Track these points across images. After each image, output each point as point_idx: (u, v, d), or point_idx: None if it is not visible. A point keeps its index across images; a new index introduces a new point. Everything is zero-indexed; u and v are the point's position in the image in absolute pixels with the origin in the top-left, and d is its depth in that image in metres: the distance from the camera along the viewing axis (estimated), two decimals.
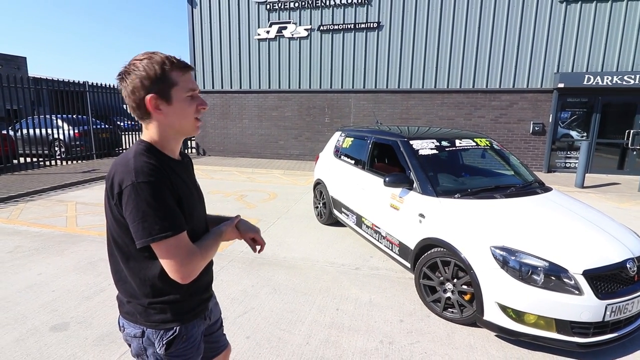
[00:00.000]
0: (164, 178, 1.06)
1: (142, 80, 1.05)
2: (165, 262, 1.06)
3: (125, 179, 1.02)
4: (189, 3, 11.18)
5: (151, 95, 1.07)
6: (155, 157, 1.10)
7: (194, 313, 1.23)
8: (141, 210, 1.00)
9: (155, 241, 1.02)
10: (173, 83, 1.09)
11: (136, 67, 1.06)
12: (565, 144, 9.85)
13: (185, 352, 1.21)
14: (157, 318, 1.15)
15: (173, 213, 1.05)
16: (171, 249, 1.04)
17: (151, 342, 1.17)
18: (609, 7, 8.87)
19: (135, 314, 1.17)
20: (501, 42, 9.52)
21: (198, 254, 1.10)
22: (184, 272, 1.06)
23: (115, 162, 1.09)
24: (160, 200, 1.03)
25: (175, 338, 1.17)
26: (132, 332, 1.19)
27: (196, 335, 1.25)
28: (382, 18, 10.07)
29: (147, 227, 1.01)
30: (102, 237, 4.59)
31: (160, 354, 1.17)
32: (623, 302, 2.43)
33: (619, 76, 8.75)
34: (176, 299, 1.16)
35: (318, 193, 5.37)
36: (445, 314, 2.92)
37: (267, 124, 11.43)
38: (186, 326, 1.20)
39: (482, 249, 2.64)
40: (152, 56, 1.08)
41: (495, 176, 3.90)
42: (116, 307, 3.06)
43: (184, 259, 1.06)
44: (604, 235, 2.72)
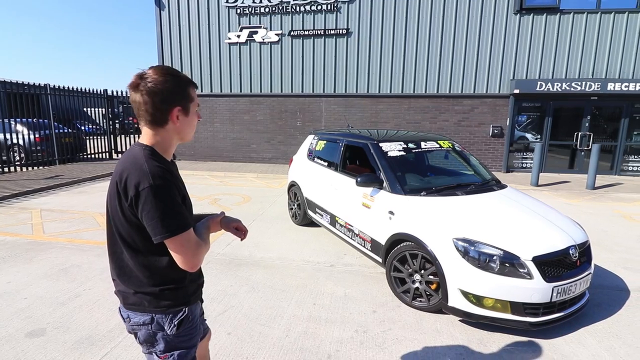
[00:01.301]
0: (173, 180, 1.20)
1: (173, 93, 1.21)
2: (178, 255, 1.20)
3: (142, 181, 1.13)
4: (156, 5, 11.00)
5: (177, 108, 1.23)
6: (160, 160, 1.22)
7: (195, 296, 1.40)
8: (159, 209, 1.13)
9: (174, 236, 1.15)
10: (192, 99, 1.27)
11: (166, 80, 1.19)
12: (522, 146, 10.57)
13: (190, 331, 1.36)
14: (166, 303, 1.28)
15: (184, 211, 1.21)
16: (184, 243, 1.18)
17: (161, 327, 1.29)
18: (557, 19, 9.67)
19: (143, 302, 1.28)
20: (462, 50, 10.10)
21: (203, 245, 1.26)
22: (194, 262, 1.22)
23: (125, 167, 1.18)
24: (174, 200, 1.17)
25: (184, 319, 1.32)
26: (140, 320, 1.29)
27: (197, 315, 1.42)
28: (351, 25, 10.40)
29: (166, 225, 1.14)
30: (72, 244, 4.50)
31: (171, 334, 1.30)
32: (567, 284, 2.76)
33: (567, 83, 9.53)
34: (182, 285, 1.31)
35: (292, 195, 5.51)
36: (414, 303, 3.15)
37: (239, 128, 11.43)
38: (190, 308, 1.35)
39: (446, 241, 2.90)
40: (178, 74, 1.24)
41: (457, 175, 4.21)
42: (94, 311, 3.07)
43: (194, 251, 1.21)
44: (550, 225, 3.06)
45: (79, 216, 5.71)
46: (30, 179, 8.16)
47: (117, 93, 12.33)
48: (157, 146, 1.25)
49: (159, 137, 1.25)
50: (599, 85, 9.38)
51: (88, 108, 11.73)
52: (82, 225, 5.24)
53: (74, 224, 5.29)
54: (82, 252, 4.25)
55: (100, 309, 3.05)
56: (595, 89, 9.40)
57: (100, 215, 5.75)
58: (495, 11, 9.83)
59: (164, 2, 11.00)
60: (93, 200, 6.78)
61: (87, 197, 7.05)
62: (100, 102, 12.14)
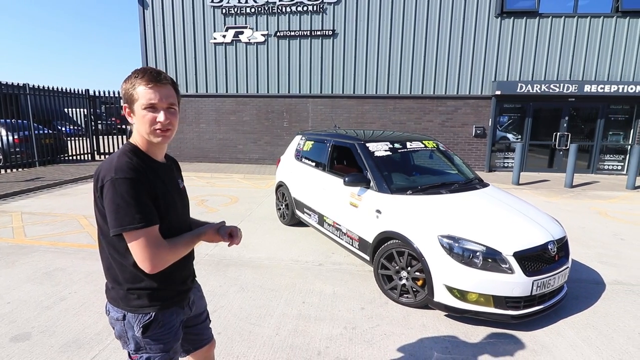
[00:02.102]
0: (141, 176, 1.19)
1: (123, 92, 1.27)
2: (133, 252, 1.19)
3: (106, 175, 1.17)
4: (139, 4, 10.84)
5: (124, 106, 1.28)
6: (137, 157, 1.24)
7: (172, 301, 1.35)
8: (115, 202, 1.14)
9: (126, 231, 1.15)
10: (135, 99, 1.23)
11: (124, 80, 1.27)
12: (503, 146, 10.85)
13: (161, 337, 1.32)
14: (135, 303, 1.28)
15: (145, 208, 1.17)
16: (139, 240, 1.16)
17: (131, 326, 1.29)
18: (537, 22, 9.97)
19: (117, 299, 1.30)
20: (446, 52, 10.31)
21: (166, 248, 1.21)
22: (151, 263, 1.18)
23: (104, 161, 1.25)
24: (135, 195, 1.16)
25: (152, 323, 1.29)
26: (115, 315, 1.31)
27: (174, 322, 1.36)
28: (337, 26, 10.48)
29: (119, 218, 1.14)
30: (55, 247, 4.41)
31: (138, 336, 1.29)
32: (546, 278, 2.87)
33: (546, 84, 9.84)
34: (152, 287, 1.28)
35: (280, 195, 5.54)
36: (401, 300, 3.22)
37: (225, 129, 11.36)
38: (163, 313, 1.32)
39: (431, 239, 2.98)
40: (131, 74, 1.26)
41: (441, 174, 4.32)
42: (81, 314, 3.05)
43: (151, 251, 1.17)
44: (530, 222, 3.18)
45: (62, 219, 5.59)
46: (10, 182, 7.93)
47: (99, 93, 12.08)
48: (138, 144, 1.29)
49: (135, 135, 1.30)
50: (576, 87, 9.72)
51: (68, 108, 11.41)
52: (65, 228, 5.14)
53: (56, 227, 5.19)
54: (66, 255, 4.17)
55: (87, 312, 3.02)
56: (572, 90, 9.73)
57: (84, 218, 5.64)
58: (477, 14, 10.07)
59: (148, 1, 10.85)
60: (76, 202, 6.65)
61: (69, 199, 6.91)
62: (81, 102, 11.88)
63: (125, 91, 1.24)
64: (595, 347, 2.68)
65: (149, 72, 1.23)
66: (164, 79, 1.25)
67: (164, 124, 1.24)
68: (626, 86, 9.60)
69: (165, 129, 1.26)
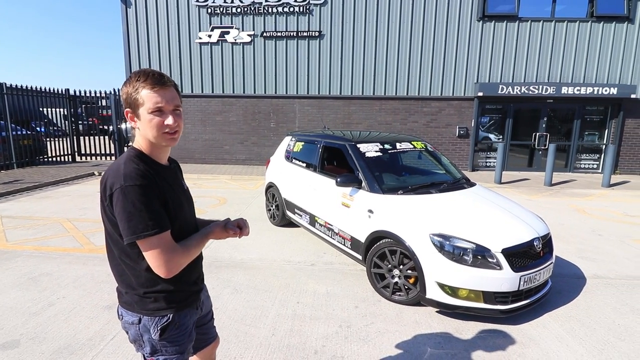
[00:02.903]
0: (150, 182, 1.19)
1: (123, 97, 1.25)
2: (148, 258, 1.19)
3: (115, 182, 1.16)
4: (122, 2, 10.62)
5: (127, 110, 1.26)
6: (143, 162, 1.24)
7: (186, 303, 1.37)
8: (127, 210, 1.14)
9: (140, 239, 1.15)
10: (140, 103, 1.21)
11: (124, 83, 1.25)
12: (486, 146, 11.14)
13: (177, 339, 1.34)
14: (152, 306, 1.29)
15: (157, 214, 1.17)
16: (154, 247, 1.17)
17: (147, 329, 1.30)
18: (516, 26, 10.28)
19: (132, 303, 1.30)
20: (430, 54, 10.51)
21: (180, 251, 1.22)
22: (166, 268, 1.19)
23: (109, 168, 1.23)
24: (146, 202, 1.16)
25: (169, 325, 1.31)
26: (130, 319, 1.31)
27: (188, 323, 1.39)
28: (323, 27, 10.53)
29: (132, 226, 1.14)
30: (39, 252, 4.29)
31: (155, 339, 1.30)
32: (532, 273, 2.99)
33: (526, 86, 10.16)
34: (168, 289, 1.30)
35: (270, 196, 5.54)
36: (394, 297, 3.29)
37: (211, 129, 11.24)
38: (179, 314, 1.34)
39: (423, 237, 3.06)
40: (131, 76, 1.23)
41: (430, 174, 4.42)
42: (71, 319, 3.01)
43: (166, 256, 1.18)
44: (516, 219, 3.30)
45: (44, 222, 5.43)
46: None
47: (80, 93, 11.76)
48: (143, 148, 1.28)
49: (140, 139, 1.28)
50: (554, 89, 10.07)
51: (46, 108, 11.05)
52: (49, 232, 5.00)
53: (39, 231, 5.04)
54: (52, 260, 4.07)
55: (78, 317, 2.96)
56: (550, 92, 10.09)
57: (68, 221, 5.50)
58: (460, 18, 10.31)
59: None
60: (58, 205, 6.47)
61: (51, 202, 6.71)
62: (61, 102, 11.53)
63: (127, 95, 1.22)
64: (579, 338, 2.80)
65: (152, 75, 1.21)
66: (167, 81, 1.24)
67: (172, 127, 1.24)
68: (601, 88, 10.01)
69: (173, 132, 1.26)
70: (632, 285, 3.70)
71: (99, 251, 4.30)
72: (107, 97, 11.76)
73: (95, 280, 3.60)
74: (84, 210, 6.13)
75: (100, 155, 12.15)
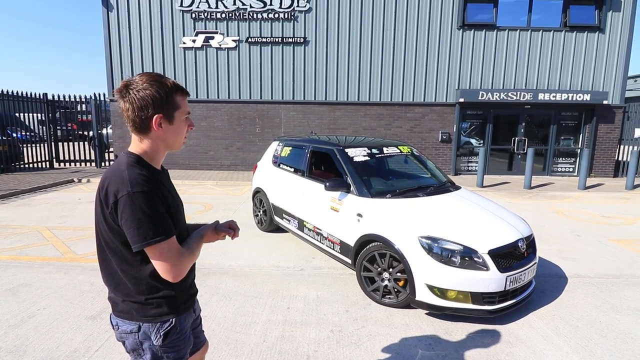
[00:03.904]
0: (154, 188, 1.19)
1: (154, 100, 1.19)
2: (158, 264, 1.18)
3: (120, 189, 1.14)
4: (103, 6, 10.41)
5: (159, 115, 1.21)
6: (145, 168, 1.23)
7: (186, 306, 1.37)
8: (136, 217, 1.13)
9: (150, 245, 1.14)
10: (177, 107, 1.26)
11: (147, 87, 1.18)
12: (467, 150, 11.40)
13: (178, 343, 1.34)
14: (153, 312, 1.27)
15: (164, 219, 1.18)
16: (164, 252, 1.17)
17: (147, 336, 1.28)
18: (495, 35, 10.62)
19: (131, 311, 1.27)
20: (413, 61, 10.72)
21: (186, 254, 1.24)
22: (175, 272, 1.20)
23: (107, 174, 1.20)
24: (153, 208, 1.15)
25: (172, 329, 1.30)
26: (127, 328, 1.28)
27: (187, 327, 1.39)
28: (308, 34, 10.61)
29: (143, 233, 1.13)
30: (17, 262, 4.13)
31: (157, 345, 1.29)
32: (517, 273, 3.07)
33: (504, 92, 10.48)
34: (170, 294, 1.29)
35: (258, 201, 5.50)
36: (384, 300, 3.32)
37: (195, 134, 11.10)
38: (179, 318, 1.33)
39: (412, 240, 3.10)
40: (162, 80, 1.22)
41: (417, 178, 4.50)
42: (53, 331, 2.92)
43: (175, 260, 1.19)
44: (501, 221, 3.39)
45: (22, 231, 5.23)
46: None
47: (58, 97, 11.42)
48: (144, 154, 1.26)
49: (145, 145, 1.25)
50: (531, 95, 10.43)
51: (22, 113, 10.67)
52: (27, 241, 4.82)
53: (17, 240, 4.85)
54: (31, 270, 3.92)
55: (60, 329, 2.86)
56: (528, 98, 10.44)
57: (47, 230, 5.32)
58: (441, 26, 10.58)
59: (112, 3, 10.46)
60: (36, 213, 6.24)
61: (28, 210, 6.47)
62: (38, 107, 11.17)
63: (161, 96, 1.19)
64: (564, 336, 2.89)
65: (174, 82, 1.25)
66: None
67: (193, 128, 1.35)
68: (575, 94, 10.43)
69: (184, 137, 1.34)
70: (611, 284, 3.85)
71: (81, 260, 4.16)
72: (87, 102, 11.47)
73: (77, 290, 3.49)
74: (63, 218, 5.94)
75: (79, 162, 11.81)
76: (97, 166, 11.52)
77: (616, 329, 2.99)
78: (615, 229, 5.87)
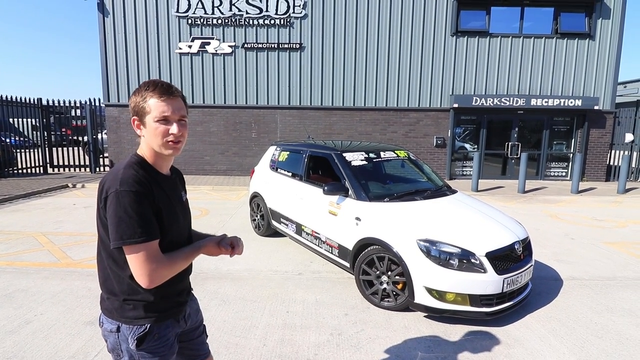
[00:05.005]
0: (145, 189, 1.19)
1: (133, 105, 1.27)
2: (132, 266, 1.18)
3: (111, 186, 1.17)
4: (99, 11, 10.42)
5: (134, 118, 1.28)
6: (143, 169, 1.25)
7: (167, 314, 1.33)
8: (118, 215, 1.14)
9: (126, 244, 1.14)
10: (146, 111, 1.24)
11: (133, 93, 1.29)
12: (462, 155, 11.51)
13: (157, 350, 1.30)
14: (130, 314, 1.26)
15: (147, 222, 1.17)
16: (139, 255, 1.15)
17: (125, 338, 1.27)
18: (488, 41, 10.79)
19: (112, 310, 1.28)
20: (407, 67, 10.84)
21: (165, 263, 1.20)
22: (149, 278, 1.17)
23: (109, 171, 1.26)
24: (137, 209, 1.16)
25: (147, 335, 1.27)
26: (109, 327, 1.29)
27: (169, 335, 1.34)
28: (304, 40, 10.69)
29: (120, 231, 1.14)
30: (13, 267, 4.09)
31: (132, 349, 1.27)
32: (514, 275, 3.11)
33: (498, 98, 10.63)
34: (148, 299, 1.27)
35: (255, 206, 5.51)
36: (383, 304, 3.33)
37: (191, 139, 11.06)
38: (159, 325, 1.30)
39: (410, 243, 3.13)
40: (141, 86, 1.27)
41: (414, 182, 4.54)
42: (51, 337, 2.91)
43: (150, 265, 1.16)
44: (497, 224, 3.44)
45: (17, 237, 5.18)
46: None
47: (53, 102, 11.34)
48: (147, 157, 1.29)
49: (144, 147, 1.30)
50: (524, 101, 10.58)
51: (16, 118, 10.59)
52: (22, 247, 4.77)
53: (12, 246, 4.80)
54: (27, 276, 3.88)
55: (58, 334, 2.84)
56: (521, 104, 10.59)
57: (42, 235, 5.27)
58: (435, 33, 10.73)
59: (108, 8, 10.47)
60: (31, 219, 6.18)
61: (23, 215, 6.41)
62: (33, 112, 11.09)
63: (135, 104, 1.25)
64: (560, 337, 2.93)
65: (160, 85, 1.25)
66: (175, 91, 1.27)
67: (176, 136, 1.26)
68: (567, 100, 10.60)
69: (177, 141, 1.27)
70: (606, 286, 3.91)
71: (78, 265, 4.13)
72: (82, 107, 11.41)
73: (75, 296, 3.46)
74: (59, 224, 5.89)
75: (73, 167, 11.72)
76: (92, 171, 11.44)
77: (611, 330, 3.04)
78: (608, 232, 5.96)
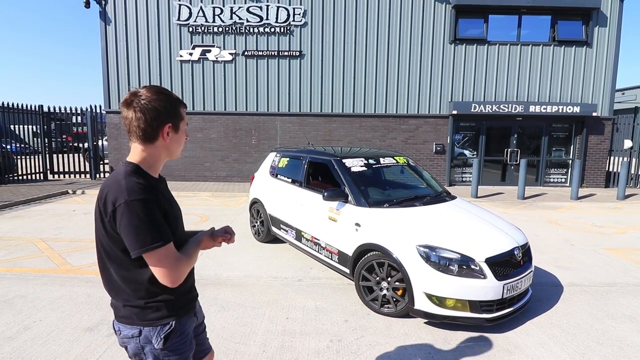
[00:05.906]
0: (152, 196, 1.22)
1: (165, 110, 1.27)
2: (156, 270, 1.22)
3: (118, 197, 1.18)
4: (101, 19, 10.53)
5: (168, 125, 1.29)
6: (142, 177, 1.27)
7: (186, 309, 1.39)
8: (134, 224, 1.17)
9: (148, 251, 1.18)
10: (182, 117, 1.35)
11: (157, 98, 1.26)
12: (461, 161, 11.54)
13: (180, 347, 1.35)
14: (153, 316, 1.30)
15: (161, 226, 1.22)
16: (162, 258, 1.20)
17: (148, 340, 1.30)
18: (486, 49, 10.89)
19: (131, 316, 1.30)
20: (406, 74, 10.93)
21: (184, 260, 1.27)
22: (173, 277, 1.23)
23: (106, 183, 1.25)
24: (150, 215, 1.19)
25: (172, 332, 1.32)
26: (129, 333, 1.31)
27: (188, 330, 1.41)
28: (304, 48, 10.79)
29: (141, 240, 1.17)
30: (12, 273, 4.08)
31: (158, 348, 1.31)
32: (514, 281, 3.11)
33: (496, 105, 10.69)
34: (169, 298, 1.32)
35: (255, 212, 5.51)
36: (383, 310, 3.32)
37: (191, 146, 11.11)
38: (180, 321, 1.35)
39: (410, 249, 3.14)
40: (168, 92, 1.31)
41: (414, 188, 4.56)
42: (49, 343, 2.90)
43: (173, 266, 1.22)
44: (497, 230, 3.44)
45: (16, 243, 5.17)
46: None
47: (54, 109, 11.40)
48: (142, 163, 1.30)
49: (146, 154, 1.30)
50: (523, 108, 10.65)
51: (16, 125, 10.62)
52: (21, 253, 4.76)
53: (11, 252, 4.79)
54: (25, 282, 3.87)
55: (57, 340, 2.83)
56: (519, 110, 10.65)
57: (42, 241, 5.26)
58: (434, 40, 10.83)
59: (110, 16, 10.58)
60: (31, 225, 6.18)
61: (22, 221, 6.40)
62: (33, 119, 11.14)
63: (170, 106, 1.29)
64: (561, 344, 2.92)
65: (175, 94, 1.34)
66: None
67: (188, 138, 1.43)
68: (565, 107, 10.67)
69: None
70: (606, 292, 3.90)
71: (77, 272, 4.12)
72: (82, 113, 11.47)
73: (74, 302, 3.45)
74: (58, 230, 5.89)
75: (73, 174, 11.73)
76: (92, 178, 11.46)
77: (612, 337, 3.03)
78: (608, 238, 5.96)
